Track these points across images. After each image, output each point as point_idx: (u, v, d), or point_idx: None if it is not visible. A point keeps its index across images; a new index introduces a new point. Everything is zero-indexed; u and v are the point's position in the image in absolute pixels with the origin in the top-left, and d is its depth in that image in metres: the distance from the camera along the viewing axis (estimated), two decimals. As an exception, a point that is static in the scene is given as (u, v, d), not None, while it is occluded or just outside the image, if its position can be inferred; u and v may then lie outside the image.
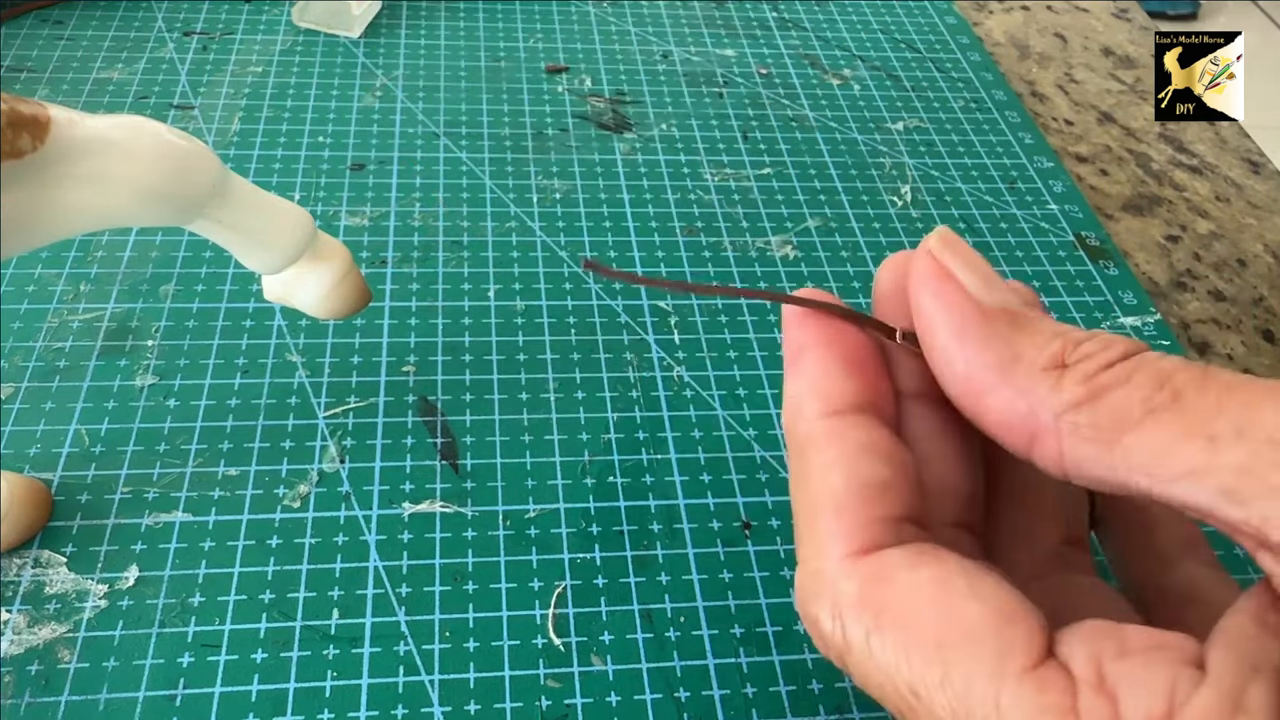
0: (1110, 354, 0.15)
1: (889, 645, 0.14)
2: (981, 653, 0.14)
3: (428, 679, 0.25)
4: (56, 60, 0.44)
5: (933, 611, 0.14)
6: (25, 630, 0.25)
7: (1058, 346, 0.15)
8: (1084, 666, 0.13)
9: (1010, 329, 0.15)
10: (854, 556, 0.15)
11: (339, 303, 0.28)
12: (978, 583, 0.14)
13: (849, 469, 0.16)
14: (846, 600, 0.15)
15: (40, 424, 0.30)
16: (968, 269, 0.16)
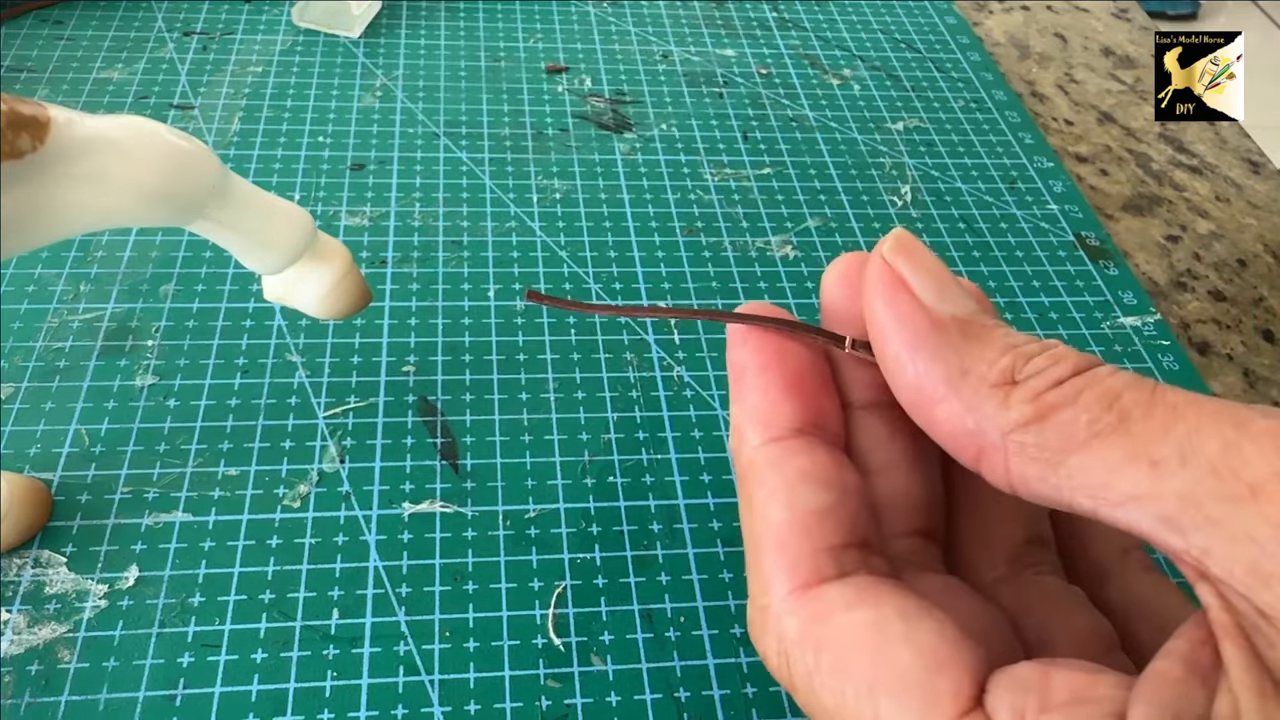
0: (1059, 370, 0.14)
1: (827, 684, 0.14)
2: (910, 700, 0.14)
3: (428, 679, 0.25)
4: (56, 60, 0.44)
5: (867, 655, 0.14)
6: (25, 630, 0.25)
7: (1007, 362, 0.15)
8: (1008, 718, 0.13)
9: (962, 340, 0.15)
10: (796, 593, 0.15)
11: (339, 303, 0.28)
12: (914, 626, 0.14)
13: (788, 499, 0.16)
14: (790, 637, 0.15)
15: (40, 424, 0.30)
16: (922, 275, 0.16)
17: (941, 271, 0.16)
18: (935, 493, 0.19)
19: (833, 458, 0.16)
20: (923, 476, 0.18)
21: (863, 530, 0.16)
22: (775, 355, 0.17)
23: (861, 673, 0.14)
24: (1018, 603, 0.17)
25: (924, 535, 0.18)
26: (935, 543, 0.18)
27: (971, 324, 0.15)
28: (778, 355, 0.17)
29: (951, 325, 0.15)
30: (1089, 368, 0.14)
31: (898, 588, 0.15)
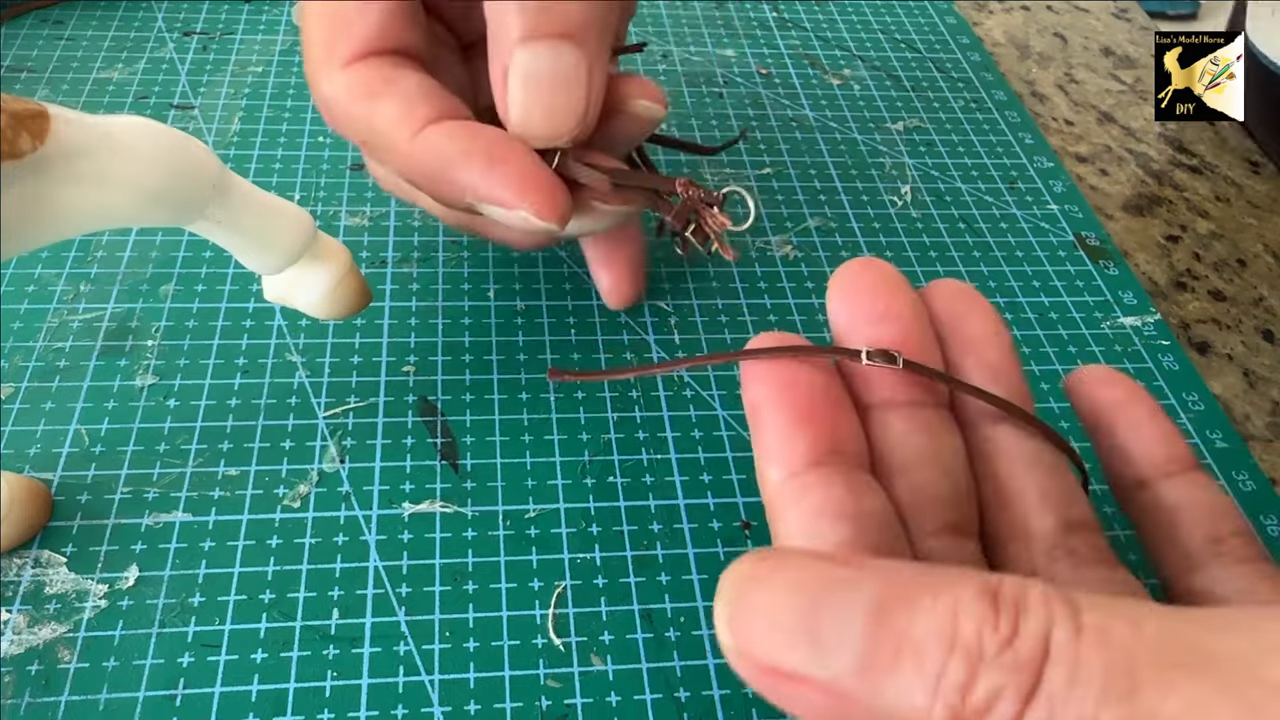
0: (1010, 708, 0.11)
1: None
2: None
3: (428, 679, 0.25)
4: (56, 60, 0.44)
5: None
6: (25, 630, 0.25)
7: (943, 709, 0.12)
8: None
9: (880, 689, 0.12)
10: None
11: (339, 303, 0.28)
12: None
13: (807, 540, 0.16)
14: None
15: (40, 424, 0.30)
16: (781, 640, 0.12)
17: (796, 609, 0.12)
18: (962, 486, 0.19)
19: (849, 486, 0.17)
20: (946, 471, 0.19)
21: (886, 550, 0.17)
22: (786, 387, 0.18)
23: None
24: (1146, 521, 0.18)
25: (956, 530, 0.19)
26: (969, 537, 0.19)
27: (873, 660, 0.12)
28: (789, 387, 0.18)
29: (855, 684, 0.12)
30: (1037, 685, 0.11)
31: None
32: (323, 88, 0.23)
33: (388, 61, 0.23)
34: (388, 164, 0.24)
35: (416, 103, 0.22)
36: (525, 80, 0.21)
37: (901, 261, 0.39)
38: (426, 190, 0.23)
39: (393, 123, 0.22)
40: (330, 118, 0.24)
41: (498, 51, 0.22)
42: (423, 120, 0.22)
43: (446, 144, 0.22)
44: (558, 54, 0.21)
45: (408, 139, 0.22)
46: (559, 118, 0.22)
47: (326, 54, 0.23)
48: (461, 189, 0.22)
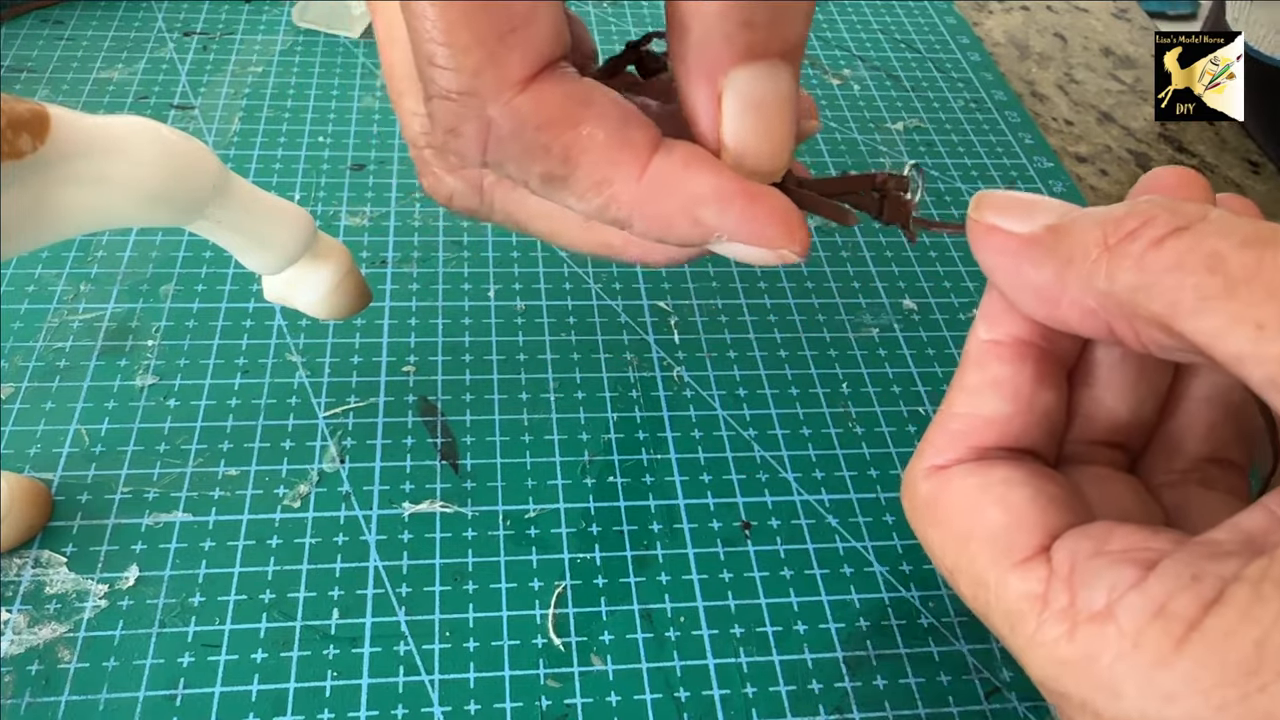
0: (1155, 230, 0.15)
1: (936, 536, 0.18)
2: (990, 548, 0.16)
3: (428, 679, 0.25)
4: (56, 60, 0.44)
5: (966, 512, 0.17)
6: (25, 630, 0.25)
7: (1098, 234, 0.16)
8: (1062, 562, 0.16)
9: (1058, 239, 0.16)
10: (933, 470, 0.18)
11: (339, 303, 0.28)
12: (1011, 490, 0.17)
13: (970, 400, 0.18)
14: (919, 500, 0.18)
15: (40, 424, 0.30)
16: (1004, 212, 0.17)
17: (1023, 199, 0.17)
18: (1140, 419, 0.20)
19: (1036, 374, 0.18)
20: (1134, 403, 0.20)
21: (1030, 441, 0.18)
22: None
23: (960, 526, 0.17)
24: (1177, 507, 0.19)
25: (1112, 446, 0.20)
26: (1122, 452, 0.20)
27: (1062, 223, 0.16)
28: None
29: (1044, 234, 0.16)
30: (1189, 225, 0.15)
31: (1013, 461, 0.18)
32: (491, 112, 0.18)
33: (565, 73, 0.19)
34: (585, 202, 0.19)
35: (629, 127, 0.19)
36: (748, 105, 0.19)
37: (901, 261, 0.39)
38: (644, 228, 0.19)
39: (611, 157, 0.19)
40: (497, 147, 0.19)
41: (701, 69, 0.18)
42: (645, 150, 0.19)
43: (691, 179, 0.19)
44: (778, 76, 0.19)
45: (636, 176, 0.19)
46: (781, 147, 0.19)
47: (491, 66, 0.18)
48: (710, 228, 0.19)
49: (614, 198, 0.19)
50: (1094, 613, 0.15)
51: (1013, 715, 0.26)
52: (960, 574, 0.17)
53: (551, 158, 0.19)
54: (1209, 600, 0.14)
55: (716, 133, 0.19)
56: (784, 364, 0.34)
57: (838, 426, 0.32)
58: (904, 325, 0.36)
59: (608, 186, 0.19)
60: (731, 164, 0.19)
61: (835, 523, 0.30)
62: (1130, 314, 0.15)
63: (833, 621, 0.27)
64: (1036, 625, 0.15)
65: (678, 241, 0.19)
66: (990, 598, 0.16)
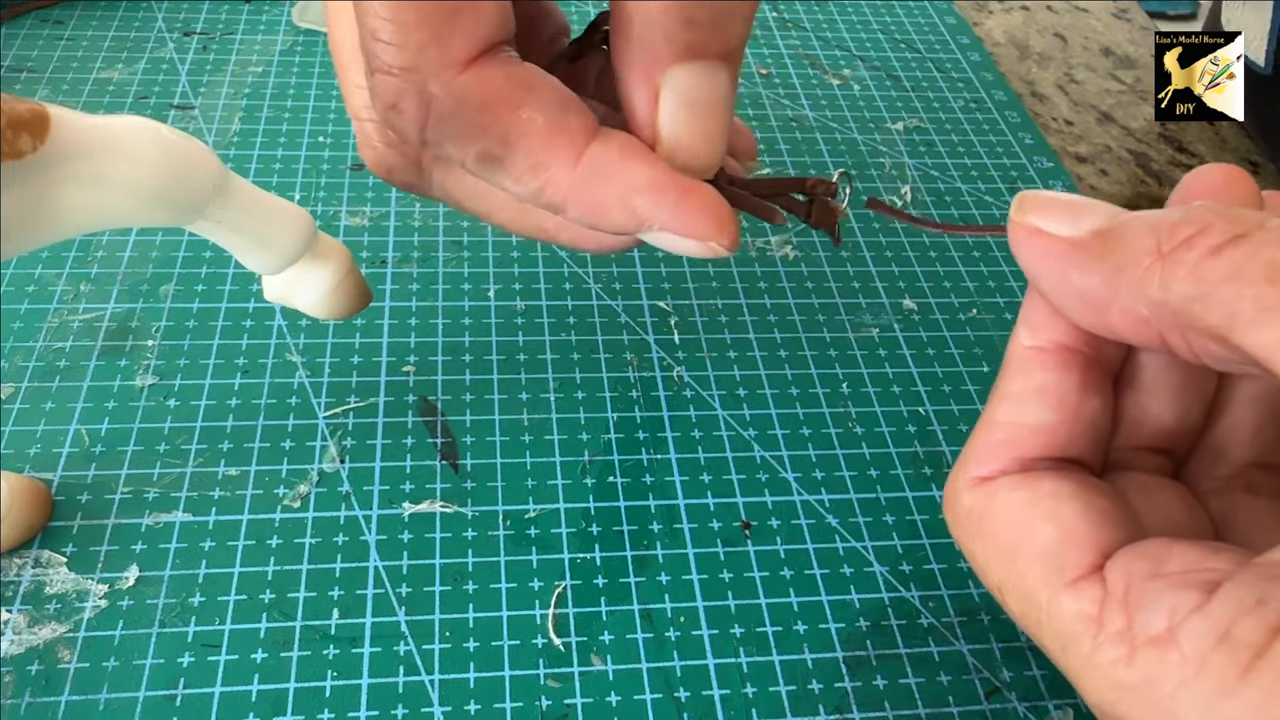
0: (1212, 239, 0.15)
1: (981, 550, 0.17)
2: (1041, 566, 0.16)
3: (428, 679, 0.25)
4: (56, 60, 0.44)
5: (1014, 530, 0.17)
6: (25, 630, 0.25)
7: (1152, 242, 0.15)
8: (1117, 583, 0.15)
9: (1106, 245, 0.16)
10: (977, 481, 0.18)
11: (339, 303, 0.28)
12: (1061, 505, 0.17)
13: (1014, 409, 0.18)
14: (962, 512, 0.18)
15: (40, 424, 0.30)
16: (1049, 214, 0.17)
17: (1067, 200, 0.17)
18: (1187, 424, 0.20)
19: (1082, 381, 0.18)
20: (1181, 409, 0.19)
21: (1076, 450, 0.18)
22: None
23: (1008, 541, 0.17)
24: (1223, 514, 0.19)
25: (1158, 452, 0.20)
26: (1168, 458, 0.20)
27: (1112, 228, 0.16)
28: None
29: (1092, 239, 0.16)
30: (1247, 232, 0.14)
31: (1061, 473, 0.17)
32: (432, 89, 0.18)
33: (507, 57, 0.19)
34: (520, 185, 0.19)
35: (568, 113, 0.19)
36: (684, 103, 0.19)
37: (901, 262, 0.39)
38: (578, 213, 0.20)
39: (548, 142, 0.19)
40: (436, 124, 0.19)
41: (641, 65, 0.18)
42: (581, 136, 0.19)
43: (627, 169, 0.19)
44: (716, 76, 0.19)
45: (572, 163, 0.19)
46: (715, 145, 0.20)
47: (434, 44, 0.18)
48: (643, 218, 0.19)
49: (549, 182, 0.19)
50: (1153, 636, 0.14)
51: (1013, 715, 0.26)
52: (1008, 590, 0.17)
53: (490, 138, 0.19)
54: (1275, 625, 0.13)
55: (652, 128, 0.19)
56: (784, 364, 0.34)
57: (838, 426, 0.32)
58: (904, 325, 0.36)
59: (544, 170, 0.19)
60: (664, 158, 0.19)
61: (835, 523, 0.30)
62: (1184, 324, 0.15)
63: (833, 621, 0.27)
64: (1092, 647, 0.15)
65: (611, 229, 0.20)
66: (1041, 616, 0.16)
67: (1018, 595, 0.17)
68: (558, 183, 0.19)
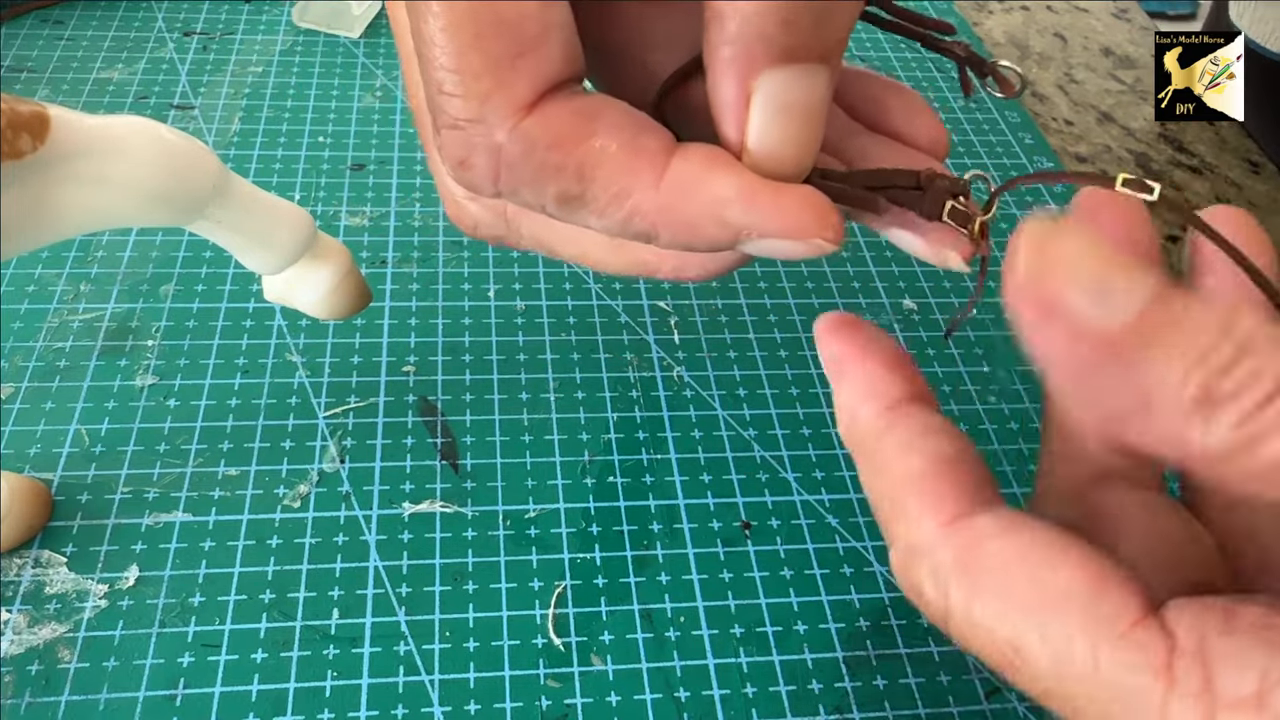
0: (1265, 387, 0.12)
1: (989, 608, 0.15)
2: (1077, 613, 0.14)
3: (428, 679, 0.25)
4: (56, 60, 0.44)
5: (1027, 575, 0.15)
6: (25, 630, 0.25)
7: (1200, 379, 0.13)
8: (1187, 635, 0.14)
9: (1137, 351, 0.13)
10: (945, 526, 0.16)
11: (339, 303, 0.28)
12: (1067, 547, 0.15)
13: (922, 448, 0.17)
14: (945, 567, 0.16)
15: (40, 424, 0.30)
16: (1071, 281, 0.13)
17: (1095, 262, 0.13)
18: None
19: (944, 419, 0.17)
20: None
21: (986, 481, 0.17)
22: (870, 342, 0.18)
23: (1023, 593, 0.15)
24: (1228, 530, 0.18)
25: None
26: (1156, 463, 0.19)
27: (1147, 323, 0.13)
28: (872, 342, 0.18)
29: (1124, 340, 0.13)
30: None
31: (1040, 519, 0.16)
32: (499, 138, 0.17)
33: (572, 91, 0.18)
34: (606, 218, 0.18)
35: (642, 135, 0.18)
36: (777, 109, 0.18)
37: (901, 261, 0.39)
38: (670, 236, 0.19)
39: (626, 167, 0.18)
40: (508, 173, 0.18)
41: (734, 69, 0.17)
42: (660, 155, 0.18)
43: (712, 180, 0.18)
44: (814, 80, 0.18)
45: (655, 184, 0.18)
46: (806, 152, 0.18)
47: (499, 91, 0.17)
48: (739, 227, 0.18)
49: (634, 209, 0.18)
50: (1240, 699, 0.13)
51: (1013, 715, 0.26)
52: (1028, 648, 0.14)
53: (565, 176, 0.18)
54: None
55: (740, 134, 0.18)
56: (784, 364, 0.34)
57: (838, 426, 0.32)
58: (904, 325, 0.36)
59: (626, 198, 0.18)
60: (750, 167, 0.18)
61: (835, 523, 0.30)
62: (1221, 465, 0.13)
63: (833, 621, 0.27)
64: (1162, 705, 0.13)
65: (707, 246, 0.19)
66: (1081, 671, 0.14)
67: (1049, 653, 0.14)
68: (643, 208, 0.18)
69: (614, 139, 0.18)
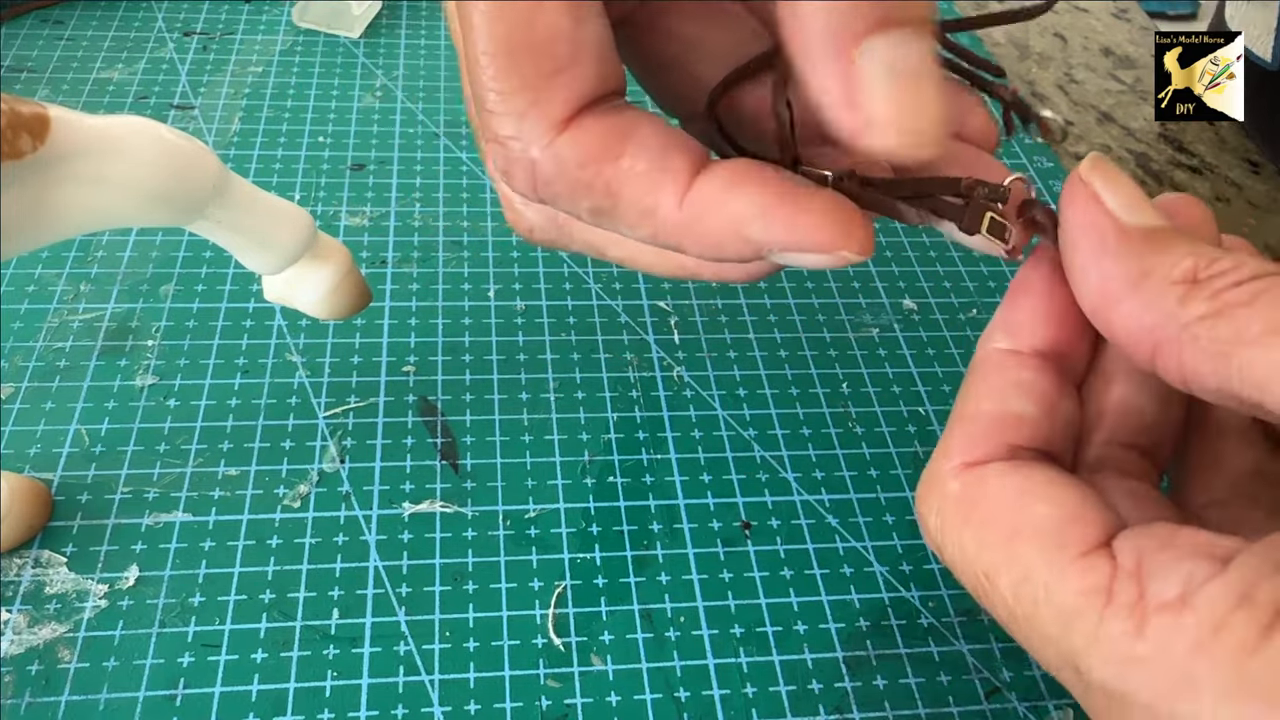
0: (1240, 274, 0.15)
1: (975, 537, 0.16)
2: (1041, 545, 0.16)
3: (428, 679, 0.25)
4: (56, 60, 0.44)
5: (1011, 508, 0.16)
6: (25, 630, 0.25)
7: (1190, 264, 0.16)
8: (1128, 557, 0.15)
9: (1147, 246, 0.16)
10: (964, 467, 0.17)
11: (339, 303, 0.28)
12: (1057, 489, 0.16)
13: (999, 398, 0.18)
14: (950, 497, 0.17)
15: (40, 424, 0.30)
16: (1114, 191, 0.17)
17: (1134, 189, 0.17)
18: (1168, 420, 0.20)
19: (1057, 385, 0.18)
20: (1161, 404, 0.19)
21: (1056, 447, 0.18)
22: (1057, 288, 0.19)
23: (1005, 523, 0.16)
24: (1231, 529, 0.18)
25: (1140, 450, 0.19)
26: (1151, 461, 0.20)
27: (1158, 233, 0.16)
28: (1059, 289, 0.19)
29: (1137, 234, 0.16)
30: (1271, 274, 0.15)
31: (1052, 464, 0.17)
32: (533, 154, 0.18)
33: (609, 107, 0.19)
34: (636, 232, 0.19)
35: (669, 155, 0.19)
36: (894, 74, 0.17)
37: (901, 262, 0.39)
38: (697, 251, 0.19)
39: (650, 186, 0.19)
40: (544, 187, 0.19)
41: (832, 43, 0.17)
42: (684, 175, 0.19)
43: (735, 204, 0.18)
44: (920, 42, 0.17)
45: (675, 207, 0.19)
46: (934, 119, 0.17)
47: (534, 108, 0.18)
48: (760, 244, 0.19)
49: (660, 225, 0.19)
50: (1166, 602, 0.14)
51: (1013, 715, 0.26)
52: (999, 574, 0.16)
53: (595, 193, 0.19)
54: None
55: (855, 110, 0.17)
56: (784, 364, 0.34)
57: (838, 426, 0.32)
58: (904, 325, 0.36)
59: (652, 215, 0.19)
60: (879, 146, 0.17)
61: (835, 523, 0.30)
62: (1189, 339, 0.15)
63: (833, 621, 0.27)
64: (1099, 621, 0.14)
65: (736, 258, 0.19)
66: (1039, 594, 0.15)
67: (1012, 578, 0.16)
68: (668, 225, 0.19)
69: (641, 158, 0.19)
